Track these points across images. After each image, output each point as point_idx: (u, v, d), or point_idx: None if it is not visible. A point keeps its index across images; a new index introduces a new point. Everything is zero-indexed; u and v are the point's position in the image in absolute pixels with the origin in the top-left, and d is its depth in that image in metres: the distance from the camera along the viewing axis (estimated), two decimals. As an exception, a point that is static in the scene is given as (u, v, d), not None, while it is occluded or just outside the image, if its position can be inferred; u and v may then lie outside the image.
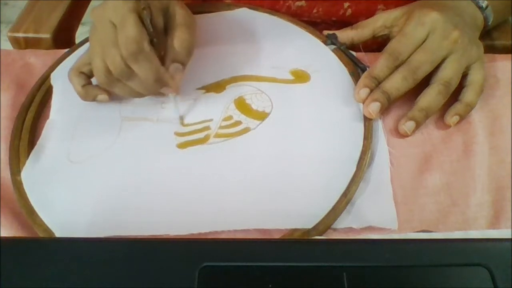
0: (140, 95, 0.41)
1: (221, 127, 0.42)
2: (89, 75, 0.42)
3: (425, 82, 0.42)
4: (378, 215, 0.36)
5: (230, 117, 0.42)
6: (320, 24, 0.55)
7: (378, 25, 0.48)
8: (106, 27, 0.37)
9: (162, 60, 0.38)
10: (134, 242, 0.29)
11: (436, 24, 0.41)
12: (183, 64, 0.39)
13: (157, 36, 0.38)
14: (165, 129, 0.41)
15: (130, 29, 0.35)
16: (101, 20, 0.37)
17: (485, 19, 0.46)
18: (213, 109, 0.43)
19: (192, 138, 0.41)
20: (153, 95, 0.41)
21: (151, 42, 0.37)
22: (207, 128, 0.42)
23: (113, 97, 0.43)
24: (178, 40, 0.39)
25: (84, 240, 0.29)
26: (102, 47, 0.37)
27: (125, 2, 0.36)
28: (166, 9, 0.40)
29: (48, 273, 0.26)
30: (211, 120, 0.42)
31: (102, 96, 0.42)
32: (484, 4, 0.46)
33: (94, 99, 0.42)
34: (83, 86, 0.42)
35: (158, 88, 0.39)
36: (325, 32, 0.49)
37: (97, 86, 0.42)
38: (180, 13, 0.40)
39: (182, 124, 0.42)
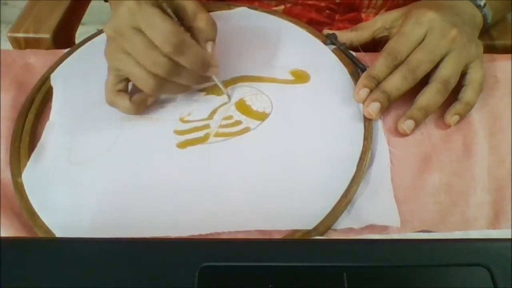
0: (186, 89, 0.41)
1: (221, 126, 0.42)
2: (125, 91, 0.41)
3: (424, 81, 0.42)
4: (379, 214, 0.36)
5: (230, 117, 0.42)
6: (324, 9, 0.55)
7: (377, 27, 0.48)
8: (132, 35, 0.36)
9: None
10: (134, 242, 0.29)
11: (433, 23, 0.41)
12: (214, 40, 0.40)
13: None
14: (165, 128, 0.41)
15: (163, 25, 0.35)
16: (121, 32, 0.36)
17: (484, 17, 0.46)
18: (214, 109, 0.43)
19: (192, 137, 0.41)
20: (198, 83, 0.42)
21: None
22: (207, 126, 0.42)
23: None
24: (202, 20, 0.39)
25: (84, 240, 0.29)
26: (136, 56, 0.37)
27: (140, 3, 0.35)
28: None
29: (48, 273, 0.26)
30: (211, 118, 0.42)
31: (151, 98, 0.42)
32: (482, 3, 0.46)
33: (146, 106, 0.42)
34: (130, 100, 0.41)
35: (204, 72, 0.39)
36: (325, 32, 0.49)
37: (141, 94, 0.41)
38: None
39: (227, 96, 0.43)
